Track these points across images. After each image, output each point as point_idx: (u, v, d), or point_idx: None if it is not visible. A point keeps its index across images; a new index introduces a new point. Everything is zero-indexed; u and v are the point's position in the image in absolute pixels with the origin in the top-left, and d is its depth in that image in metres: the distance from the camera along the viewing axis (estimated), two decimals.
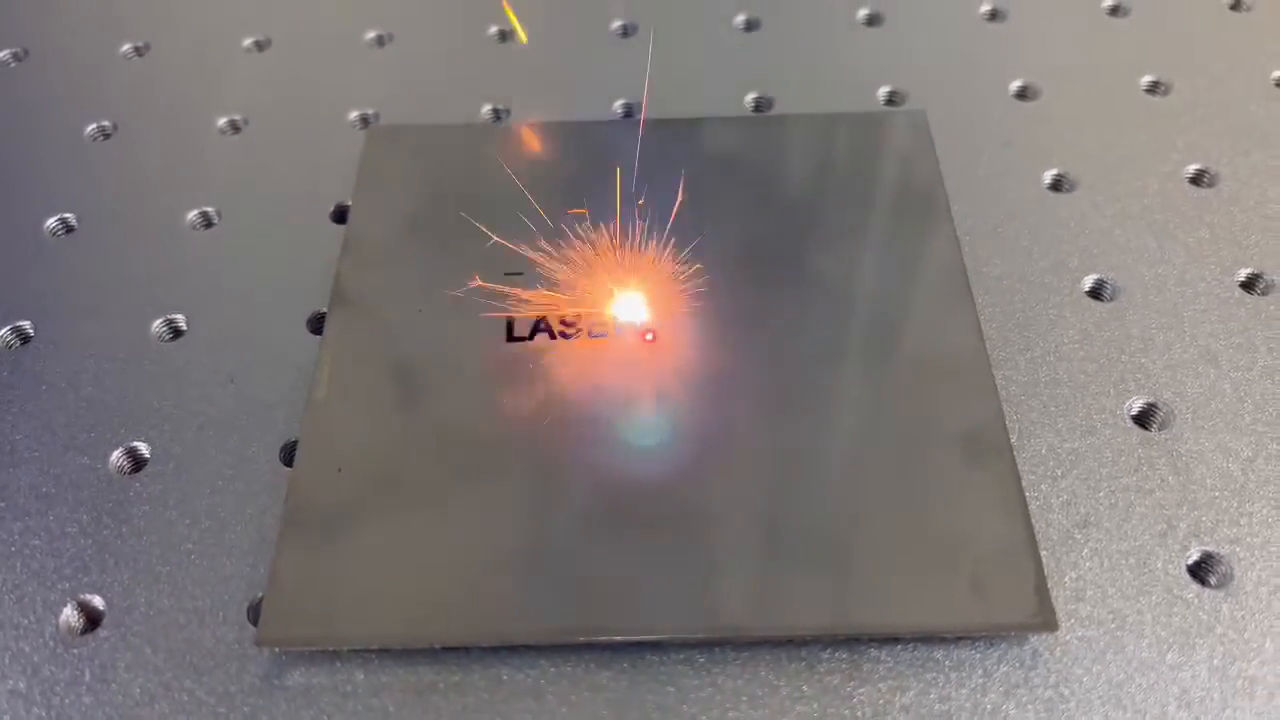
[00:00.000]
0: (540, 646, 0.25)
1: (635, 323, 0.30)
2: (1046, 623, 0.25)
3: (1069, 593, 0.26)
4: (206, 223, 0.35)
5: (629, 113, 0.38)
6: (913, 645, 0.25)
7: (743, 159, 0.34)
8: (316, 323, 0.31)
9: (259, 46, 0.41)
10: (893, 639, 0.25)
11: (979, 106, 0.38)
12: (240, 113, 0.38)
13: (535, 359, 0.29)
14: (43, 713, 0.24)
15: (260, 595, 0.26)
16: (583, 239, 0.31)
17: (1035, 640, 0.25)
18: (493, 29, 0.41)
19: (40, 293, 0.32)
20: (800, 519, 0.26)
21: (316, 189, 0.35)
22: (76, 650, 0.25)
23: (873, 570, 0.25)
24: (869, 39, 0.40)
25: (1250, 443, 0.28)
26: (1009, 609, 0.25)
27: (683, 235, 0.31)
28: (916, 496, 0.27)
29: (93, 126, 0.37)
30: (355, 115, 0.38)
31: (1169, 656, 0.25)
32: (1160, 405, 0.29)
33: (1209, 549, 0.27)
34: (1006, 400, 0.29)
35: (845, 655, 0.25)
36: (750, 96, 0.38)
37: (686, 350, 0.29)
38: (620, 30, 0.41)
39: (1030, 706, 0.24)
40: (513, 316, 0.30)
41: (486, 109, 0.38)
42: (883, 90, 0.38)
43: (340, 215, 0.34)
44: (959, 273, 0.31)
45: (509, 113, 0.38)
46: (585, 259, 0.31)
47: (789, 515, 0.26)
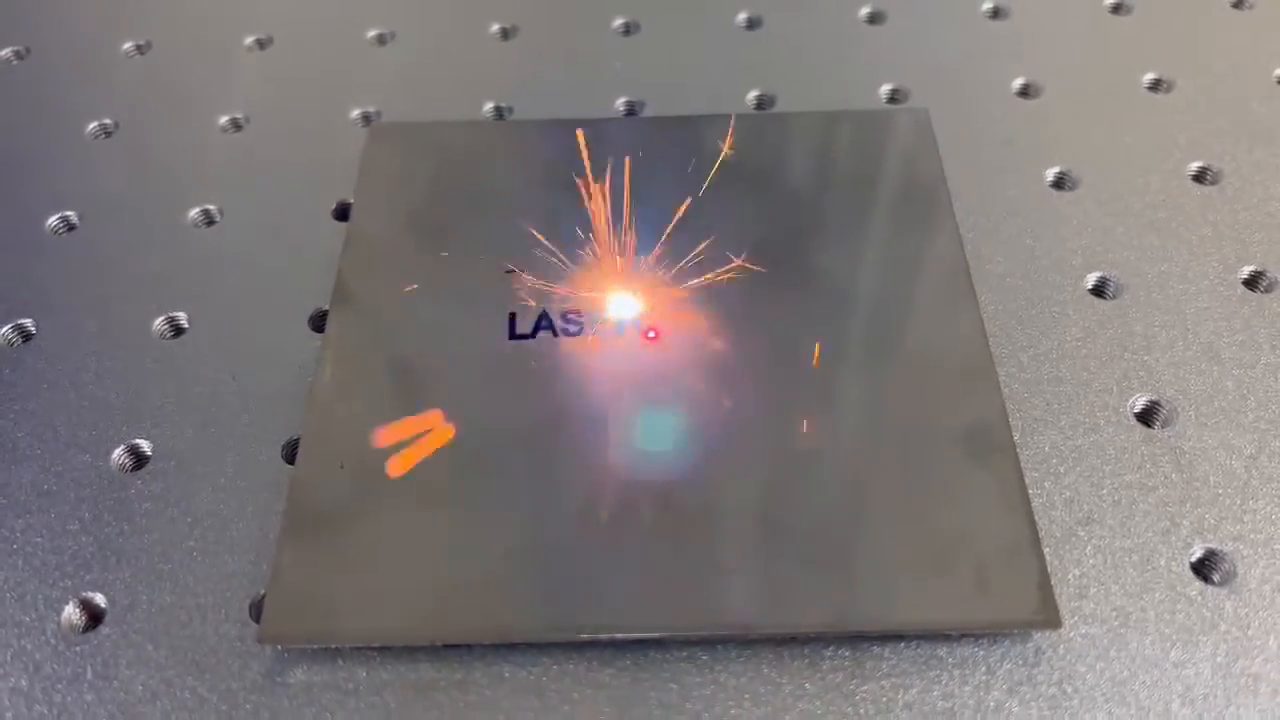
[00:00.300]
0: (542, 644, 0.25)
1: (637, 321, 0.30)
2: (1050, 620, 0.24)
3: (1072, 590, 0.26)
4: (208, 220, 0.35)
5: (631, 111, 0.38)
6: (915, 643, 0.25)
7: (746, 156, 0.34)
8: (318, 320, 0.31)
9: (261, 44, 0.41)
10: (896, 636, 0.25)
11: (981, 104, 0.37)
12: (242, 110, 0.38)
13: (538, 356, 0.29)
14: (45, 710, 0.24)
15: (262, 592, 0.26)
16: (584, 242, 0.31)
17: (1038, 638, 0.25)
18: (494, 26, 0.41)
19: (42, 290, 0.32)
20: (803, 516, 0.26)
21: (318, 186, 0.35)
22: (78, 648, 0.25)
23: (876, 567, 0.25)
24: (871, 37, 0.40)
25: (1253, 440, 0.28)
26: (1012, 606, 0.25)
27: (676, 235, 0.32)
28: (919, 493, 0.26)
29: (95, 124, 0.37)
30: (357, 113, 0.38)
31: (1172, 654, 0.25)
32: (1163, 402, 0.29)
33: (1212, 546, 0.27)
34: (1009, 397, 0.29)
35: (848, 653, 0.25)
36: (753, 94, 0.38)
37: (689, 348, 0.29)
38: (622, 28, 0.41)
39: (1034, 704, 0.24)
40: (515, 314, 0.30)
41: (488, 106, 0.38)
42: (885, 88, 0.38)
43: (342, 213, 0.34)
44: (962, 270, 0.31)
45: (511, 110, 0.38)
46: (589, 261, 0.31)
47: (792, 512, 0.26)
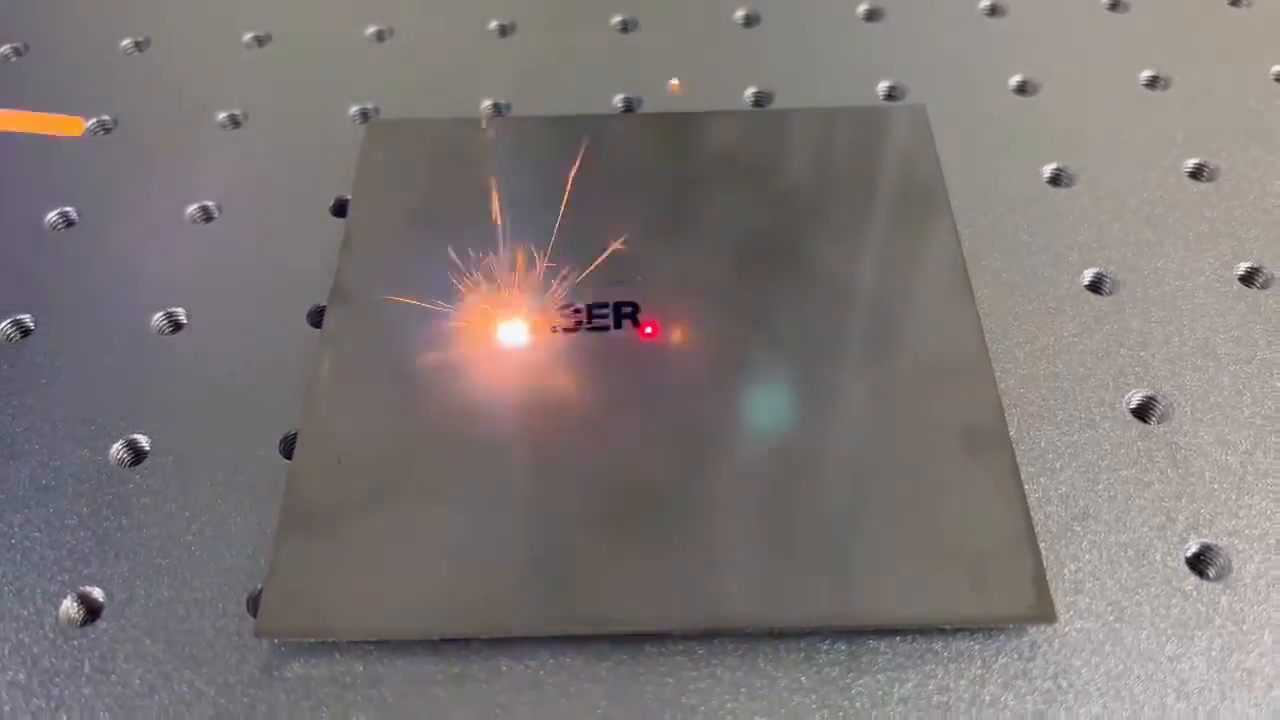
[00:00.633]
0: (539, 638, 0.25)
1: (633, 316, 0.30)
2: (1045, 615, 0.25)
3: (1068, 585, 0.26)
4: (207, 216, 0.35)
5: (629, 107, 0.38)
6: (911, 637, 0.25)
7: (743, 153, 0.34)
8: (316, 316, 0.31)
9: (259, 41, 0.41)
10: (892, 631, 0.25)
11: (979, 101, 0.38)
12: (240, 107, 0.38)
13: (534, 351, 0.29)
14: (42, 703, 0.25)
15: (259, 587, 0.26)
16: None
17: (1034, 632, 0.25)
18: (492, 23, 0.41)
19: (41, 286, 0.32)
20: (800, 512, 0.26)
21: (316, 183, 0.35)
22: (76, 641, 0.25)
23: (872, 563, 0.25)
24: (869, 33, 0.40)
25: (1249, 435, 0.28)
26: (1008, 601, 0.25)
27: (682, 232, 0.32)
28: (916, 489, 0.27)
29: (93, 121, 0.37)
30: (355, 110, 0.38)
31: (1167, 648, 0.25)
32: (1159, 398, 0.29)
33: (1207, 541, 0.27)
34: (1006, 394, 0.29)
35: (844, 647, 0.25)
36: (750, 91, 0.38)
37: (686, 344, 0.29)
38: (620, 25, 0.41)
39: (1029, 698, 0.24)
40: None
41: (486, 103, 0.38)
42: (883, 85, 0.38)
43: (340, 209, 0.34)
44: (959, 267, 0.31)
45: (509, 107, 0.38)
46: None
47: (788, 508, 0.26)
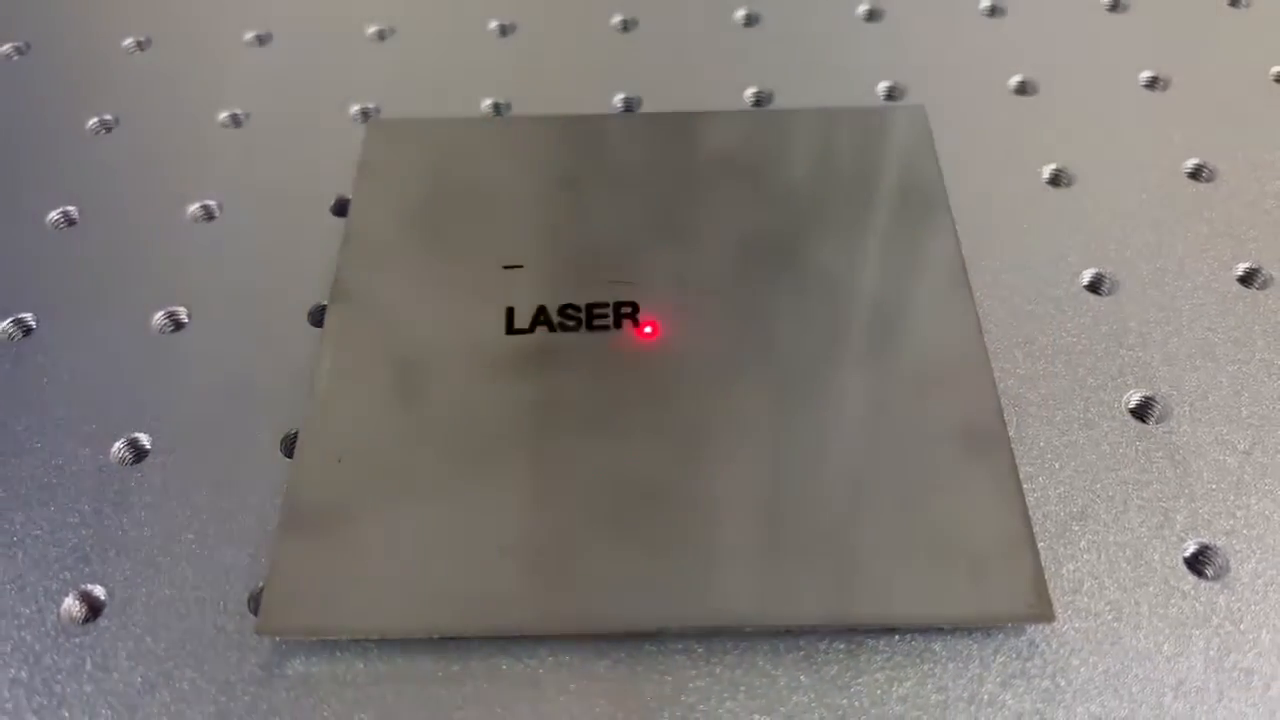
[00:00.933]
0: (539, 637, 0.25)
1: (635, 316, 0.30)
2: (1043, 614, 0.25)
3: (1066, 584, 0.26)
4: (208, 215, 0.35)
5: (629, 107, 0.38)
6: (910, 636, 0.25)
7: (742, 153, 0.34)
8: (317, 315, 0.32)
9: (260, 40, 0.41)
10: (891, 630, 0.25)
11: (978, 101, 0.38)
12: (241, 106, 0.38)
13: (535, 350, 0.29)
14: (44, 701, 0.25)
15: (260, 585, 0.26)
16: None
17: (1032, 631, 0.25)
18: (493, 23, 0.41)
19: (42, 285, 0.33)
20: (799, 511, 0.26)
21: (317, 182, 0.35)
22: (78, 639, 0.26)
23: (871, 562, 0.25)
24: (869, 34, 0.41)
25: (1247, 436, 0.29)
26: (1006, 600, 0.25)
27: (681, 232, 0.32)
28: (915, 489, 0.27)
29: (95, 119, 0.38)
30: (356, 109, 0.38)
31: (1165, 647, 0.25)
32: (1158, 398, 0.29)
33: (1205, 541, 0.27)
34: (1004, 393, 0.29)
35: (843, 646, 0.25)
36: (750, 91, 0.38)
37: (685, 344, 0.30)
38: (620, 24, 0.41)
39: (1027, 697, 0.24)
40: (512, 308, 0.30)
41: (487, 103, 0.38)
42: (882, 85, 0.38)
43: (340, 208, 0.34)
44: (957, 267, 0.31)
45: (509, 107, 0.38)
46: None
47: (788, 507, 0.26)
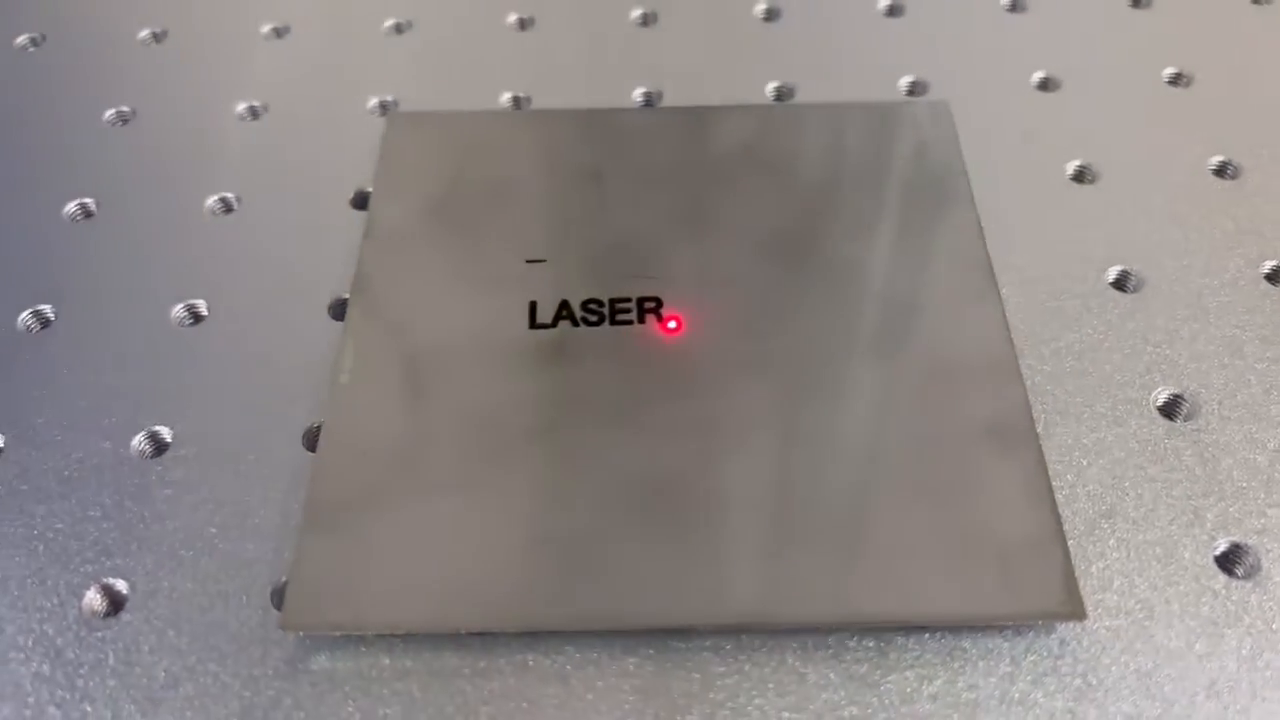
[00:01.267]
0: (566, 633, 0.25)
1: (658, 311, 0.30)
2: (1075, 612, 0.24)
3: (1096, 582, 0.26)
4: (226, 208, 0.34)
5: (649, 101, 0.38)
6: (940, 634, 0.25)
7: (765, 148, 0.34)
8: (338, 309, 0.31)
9: (277, 33, 0.40)
10: (920, 628, 0.25)
11: (1001, 97, 0.37)
12: (259, 99, 0.38)
13: (558, 345, 0.29)
14: (67, 695, 0.24)
15: (284, 579, 0.26)
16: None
17: (1063, 629, 0.25)
18: (511, 16, 0.41)
19: (61, 277, 0.32)
20: (828, 509, 0.26)
21: (335, 175, 0.35)
22: (100, 633, 0.25)
23: (901, 559, 0.25)
24: (891, 29, 0.40)
25: (1277, 434, 0.28)
26: (1037, 598, 0.25)
27: (703, 227, 0.32)
28: (943, 486, 0.26)
29: (112, 112, 0.37)
30: (374, 102, 0.38)
31: (1197, 646, 0.25)
32: (1186, 396, 0.29)
33: (1236, 540, 0.26)
34: (1032, 390, 0.29)
35: (873, 644, 0.25)
36: (772, 85, 0.38)
37: (710, 339, 0.29)
38: (641, 18, 0.41)
39: (1059, 695, 0.24)
40: (535, 303, 0.30)
41: (505, 97, 0.38)
42: (905, 80, 0.38)
43: (360, 201, 0.34)
44: (983, 264, 0.31)
45: (529, 100, 0.38)
46: None
47: (816, 505, 0.26)
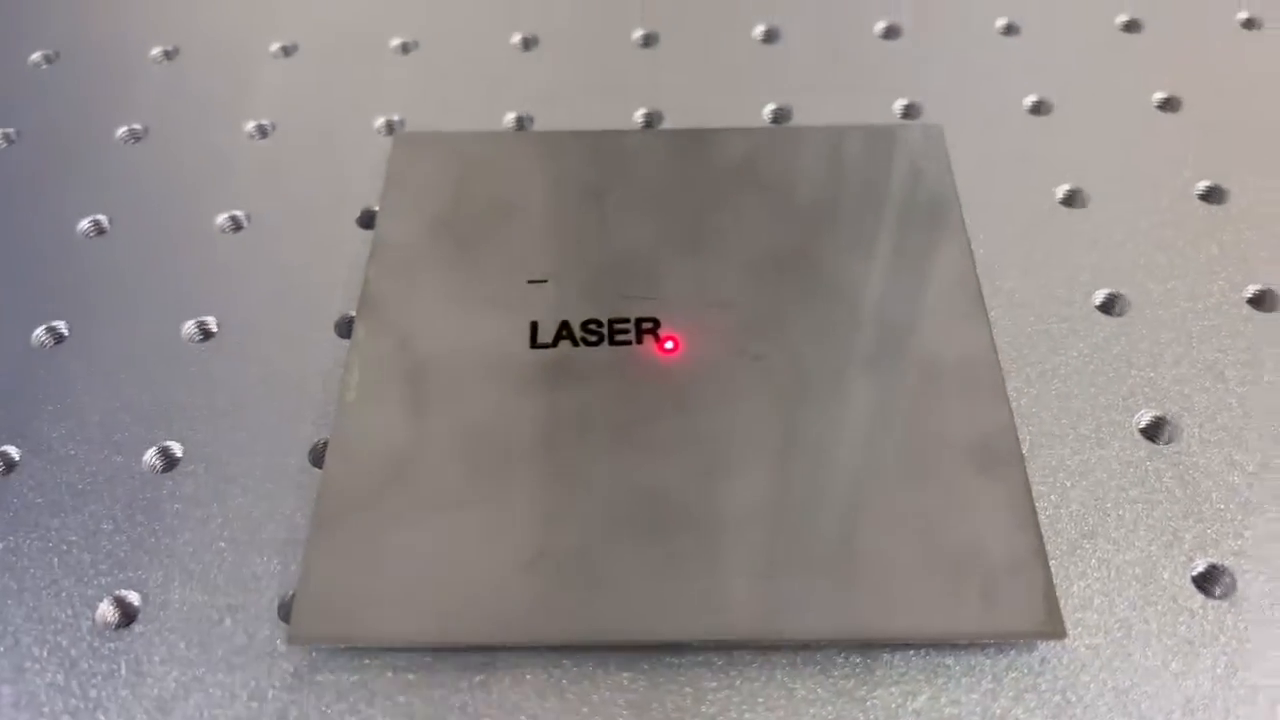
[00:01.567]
0: (563, 647, 0.26)
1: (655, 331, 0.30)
2: (1055, 631, 0.25)
3: (1076, 601, 0.27)
4: (236, 226, 0.35)
5: (650, 123, 0.38)
6: (924, 651, 0.26)
7: (762, 170, 0.35)
8: (344, 327, 0.32)
9: (285, 52, 0.41)
10: (905, 645, 0.26)
11: (994, 121, 0.38)
12: (268, 117, 0.39)
13: (559, 365, 0.30)
14: (80, 704, 0.25)
15: (291, 593, 0.27)
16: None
17: (1044, 648, 0.26)
18: (516, 37, 0.41)
19: (74, 293, 0.33)
20: (815, 527, 0.27)
21: (343, 194, 0.36)
22: (112, 644, 0.26)
23: (886, 578, 0.26)
24: (886, 52, 0.41)
25: (1256, 457, 0.29)
26: (1019, 618, 0.25)
27: (701, 248, 0.32)
28: (929, 505, 0.27)
29: (124, 129, 0.38)
30: (381, 122, 0.38)
31: (1173, 665, 0.26)
32: (1168, 419, 0.30)
33: (1214, 561, 0.27)
34: (1018, 411, 0.30)
35: (859, 660, 0.26)
36: (769, 108, 0.39)
37: (706, 359, 0.30)
38: (641, 40, 0.41)
39: (1038, 711, 0.25)
40: (536, 323, 0.31)
41: (509, 117, 0.39)
42: (899, 103, 0.39)
43: (367, 220, 0.35)
44: (972, 285, 0.32)
45: (532, 121, 0.38)
46: None
47: (805, 523, 0.27)
